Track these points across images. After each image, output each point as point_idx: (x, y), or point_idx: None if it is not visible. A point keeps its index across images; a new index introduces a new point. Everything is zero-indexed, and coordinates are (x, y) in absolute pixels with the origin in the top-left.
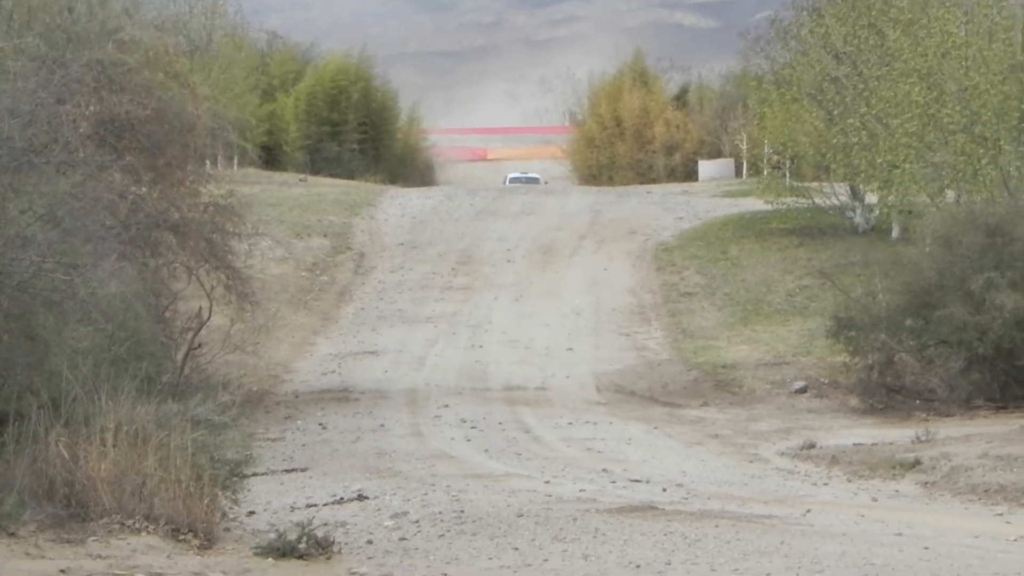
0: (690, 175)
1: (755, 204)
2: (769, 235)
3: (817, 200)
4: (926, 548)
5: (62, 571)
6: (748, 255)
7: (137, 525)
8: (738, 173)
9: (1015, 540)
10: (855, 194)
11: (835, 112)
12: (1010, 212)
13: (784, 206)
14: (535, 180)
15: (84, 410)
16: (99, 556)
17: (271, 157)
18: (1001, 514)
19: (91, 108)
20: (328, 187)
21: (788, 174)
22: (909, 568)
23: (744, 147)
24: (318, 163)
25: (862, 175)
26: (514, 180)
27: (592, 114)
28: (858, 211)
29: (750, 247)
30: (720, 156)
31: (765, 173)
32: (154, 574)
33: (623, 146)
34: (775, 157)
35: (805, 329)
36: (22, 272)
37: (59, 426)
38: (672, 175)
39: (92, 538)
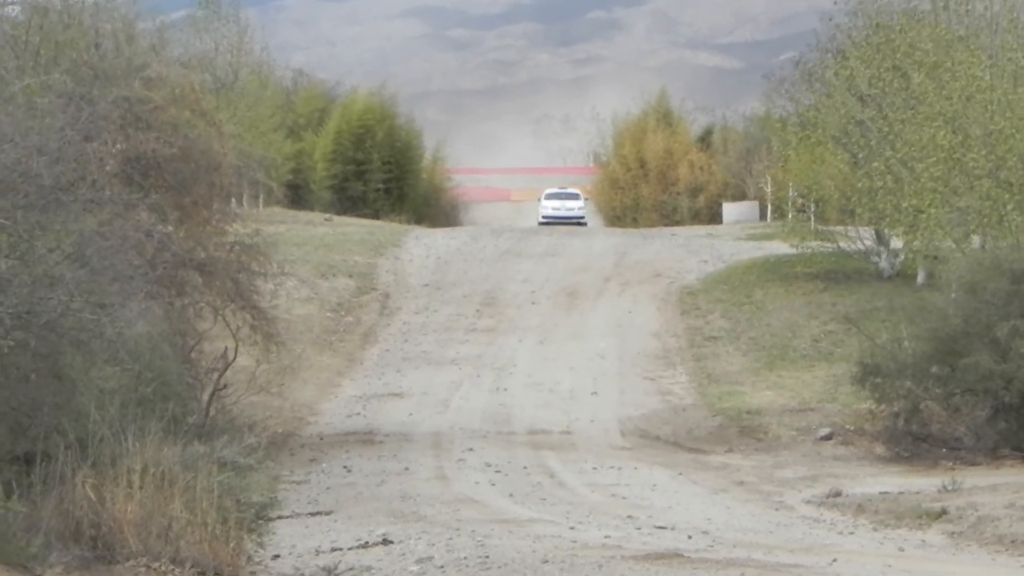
0: (714, 217)
1: (780, 247)
2: (794, 279)
3: (842, 244)
4: None
5: None
6: (773, 299)
7: (163, 568)
8: (763, 216)
9: None
10: (880, 238)
11: (860, 155)
12: None
13: (809, 250)
14: (575, 196)
15: (111, 451)
16: None
17: (297, 196)
18: None
19: (118, 146)
20: (353, 227)
21: (813, 217)
22: None
23: (769, 190)
24: (344, 202)
25: (887, 219)
26: (551, 196)
27: (616, 155)
28: (883, 256)
29: (775, 291)
30: (744, 198)
31: (790, 216)
32: None
33: (647, 188)
34: (800, 200)
35: (831, 375)
36: (50, 311)
37: (86, 467)
38: (696, 217)
39: None
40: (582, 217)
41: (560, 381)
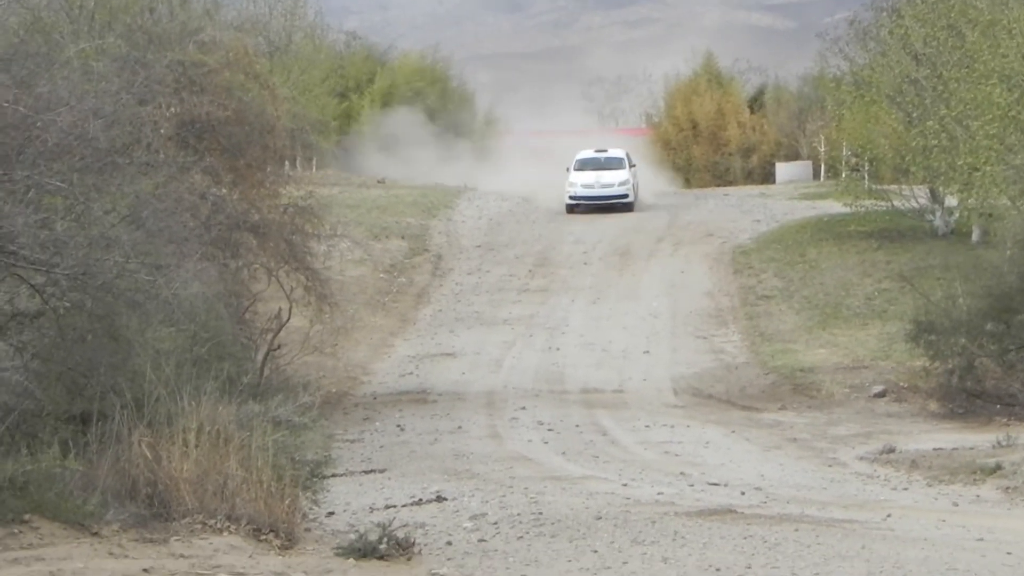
0: (767, 177)
1: (833, 207)
2: (847, 238)
3: (896, 203)
4: (1008, 554)
5: (145, 570)
6: (826, 258)
7: (219, 525)
8: (816, 175)
9: None
10: (935, 197)
11: (914, 114)
12: None
13: (863, 209)
14: (617, 162)
15: (167, 410)
16: (182, 556)
17: (348, 158)
18: None
19: (172, 109)
20: (406, 189)
21: (867, 176)
22: (992, 574)
23: (822, 149)
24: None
25: (942, 178)
26: (584, 164)
27: (668, 116)
28: (938, 214)
29: (828, 250)
30: (798, 158)
31: (843, 175)
32: (236, 574)
33: (699, 148)
34: (853, 159)
35: (884, 333)
36: (106, 273)
37: (142, 426)
38: (749, 177)
39: (175, 538)
40: (625, 195)
41: (613, 340)
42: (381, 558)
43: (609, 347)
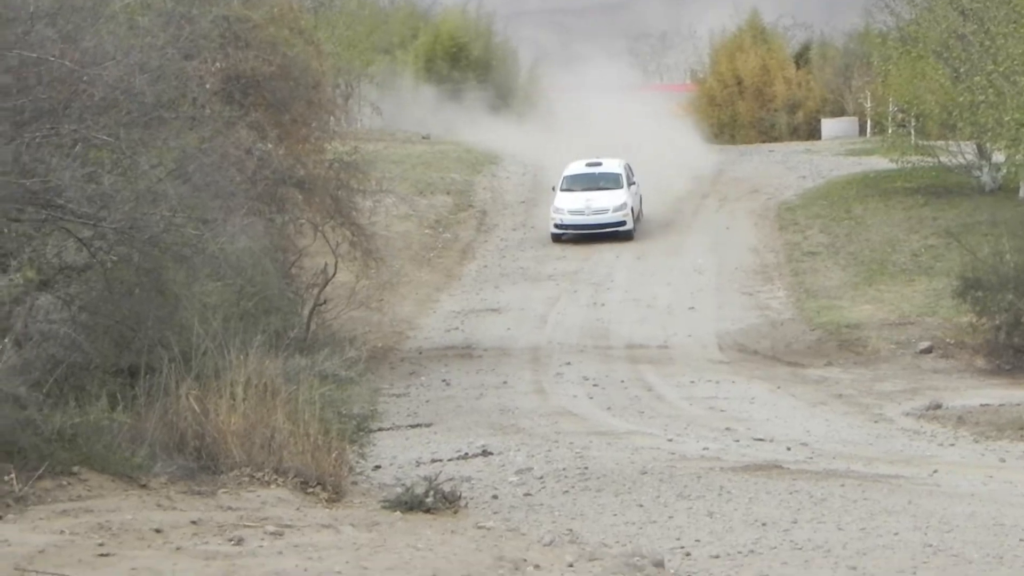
0: (813, 133)
1: (879, 163)
2: (894, 194)
3: (943, 159)
4: None
5: (193, 522)
6: (872, 214)
7: (266, 478)
8: (862, 131)
9: None
10: (982, 152)
11: (961, 69)
12: None
13: (909, 165)
14: (613, 179)
15: (214, 364)
16: (229, 508)
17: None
18: None
19: (217, 64)
20: (450, 145)
21: (913, 132)
22: None
23: (868, 105)
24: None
25: (989, 133)
26: (574, 180)
27: (713, 72)
28: (985, 170)
29: (874, 206)
30: (843, 114)
31: (890, 131)
32: (284, 526)
33: (744, 104)
34: (900, 115)
35: (931, 289)
36: (153, 227)
37: (190, 380)
38: (795, 133)
39: (222, 490)
40: (622, 223)
41: (657, 296)
42: (427, 511)
43: (654, 303)
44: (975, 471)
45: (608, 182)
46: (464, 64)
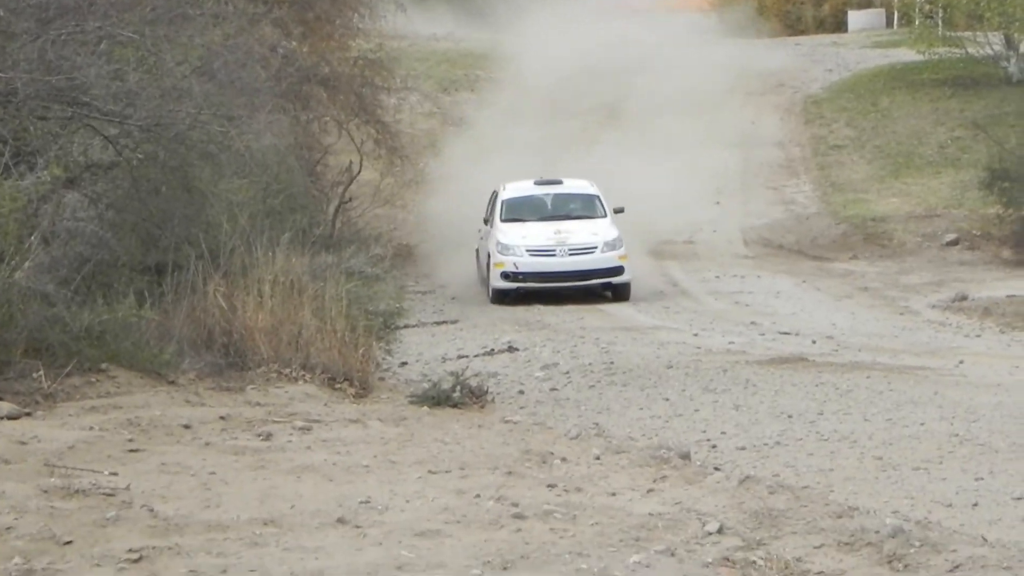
0: (839, 26)
1: (906, 55)
2: (920, 86)
3: (970, 50)
4: None
5: (222, 417)
6: (899, 107)
7: (294, 374)
8: (889, 23)
9: None
10: (1009, 43)
11: None
12: None
13: (936, 56)
14: (585, 203)
15: (241, 261)
16: (258, 404)
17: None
18: None
19: None
20: (475, 42)
21: (940, 23)
22: None
23: None
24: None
25: (1017, 23)
26: (517, 207)
27: None
28: (1012, 60)
29: (901, 98)
30: (870, 6)
31: (917, 23)
32: (312, 421)
33: None
34: (927, 6)
35: (957, 181)
36: (178, 124)
37: (217, 277)
38: (821, 26)
39: (250, 386)
40: (618, 269)
41: (682, 191)
42: (454, 406)
43: (678, 198)
44: (1001, 362)
45: (581, 207)
46: None
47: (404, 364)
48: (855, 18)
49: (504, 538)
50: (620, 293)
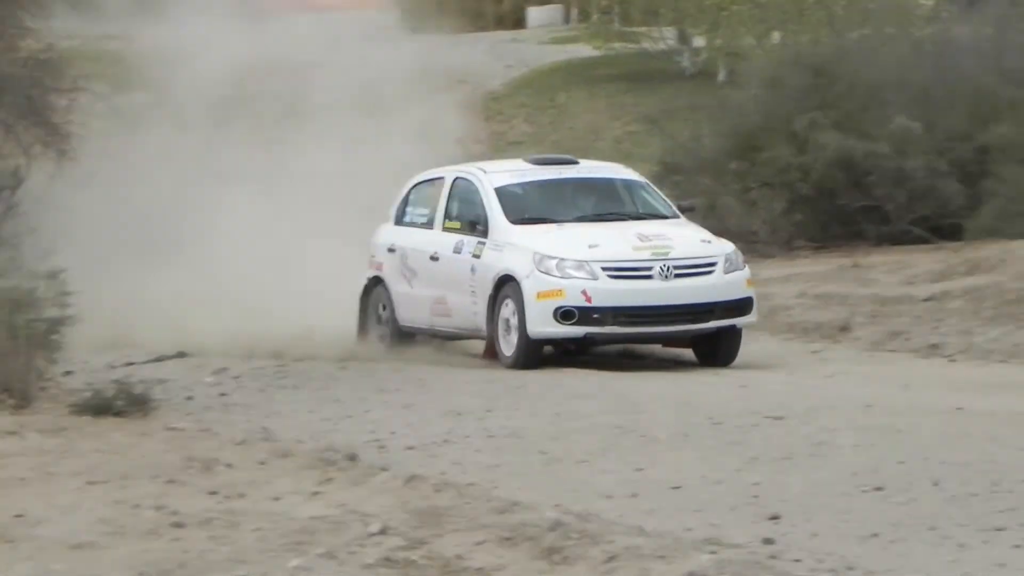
0: (519, 22)
1: (584, 50)
2: (597, 81)
3: (645, 45)
4: (742, 387)
5: None
6: (576, 102)
7: None
8: (567, 19)
9: (829, 376)
10: (683, 38)
11: None
12: (835, 52)
13: (612, 51)
14: (637, 191)
15: None
16: None
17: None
18: (816, 351)
19: None
20: (149, 39)
21: (617, 19)
22: (725, 403)
23: None
24: None
25: (690, 18)
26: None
27: None
28: (686, 55)
29: (578, 94)
30: (549, 2)
31: (594, 18)
32: None
33: None
34: (603, 2)
35: None
36: None
37: None
38: (501, 23)
39: None
40: (747, 304)
41: (367, 191)
42: (117, 415)
43: (366, 198)
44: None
45: (632, 201)
46: None
47: (69, 373)
48: (534, 14)
49: (162, 547)
50: (729, 350)
